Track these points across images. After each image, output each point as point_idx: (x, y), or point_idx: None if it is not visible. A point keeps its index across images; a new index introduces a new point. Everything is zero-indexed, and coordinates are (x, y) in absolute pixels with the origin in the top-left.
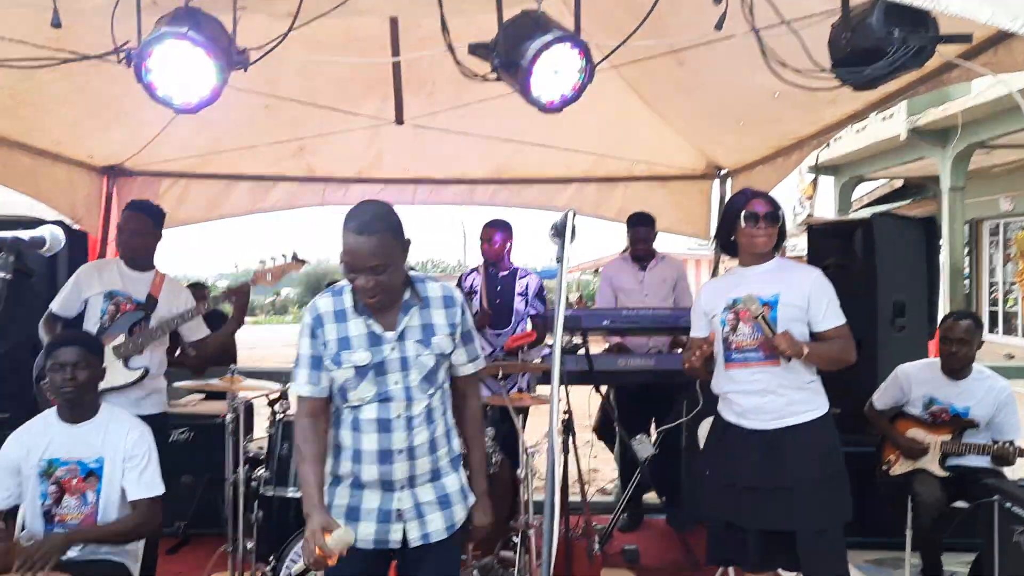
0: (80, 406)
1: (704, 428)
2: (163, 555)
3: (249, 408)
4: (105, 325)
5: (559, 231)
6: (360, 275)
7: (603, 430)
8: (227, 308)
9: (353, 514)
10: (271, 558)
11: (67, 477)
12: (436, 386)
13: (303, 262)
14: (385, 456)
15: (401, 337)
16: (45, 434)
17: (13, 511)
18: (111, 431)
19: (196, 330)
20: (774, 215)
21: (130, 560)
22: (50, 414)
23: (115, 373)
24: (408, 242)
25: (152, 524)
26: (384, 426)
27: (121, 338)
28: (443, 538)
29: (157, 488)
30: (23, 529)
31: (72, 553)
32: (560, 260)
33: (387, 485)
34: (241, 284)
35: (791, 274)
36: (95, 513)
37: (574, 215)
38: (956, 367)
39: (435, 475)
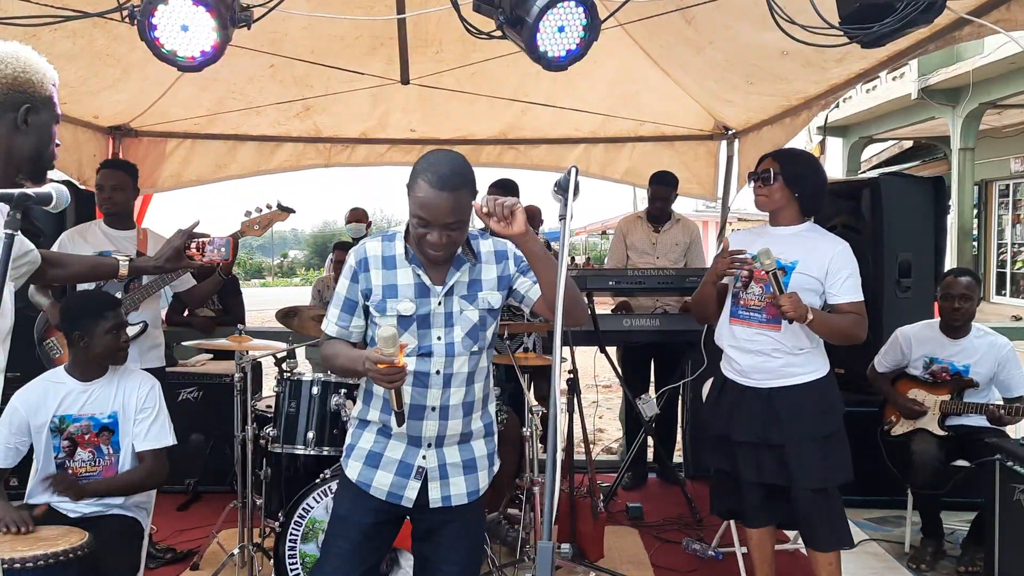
0: (100, 365)
1: (707, 388)
2: (174, 511)
3: (257, 367)
4: (102, 286)
5: (562, 187)
6: (433, 231)
7: None
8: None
9: (373, 459)
10: (279, 514)
11: (80, 433)
12: (481, 344)
13: (289, 210)
14: (417, 411)
15: (449, 292)
16: (56, 392)
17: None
18: (123, 386)
19: (185, 280)
20: (766, 175)
21: (142, 515)
22: (59, 373)
23: None
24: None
25: (160, 475)
26: (421, 380)
27: (118, 296)
28: (463, 503)
29: (164, 439)
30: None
31: (86, 509)
32: (563, 217)
33: (414, 440)
34: (231, 235)
35: (816, 242)
36: (113, 466)
37: (577, 172)
38: (957, 324)
39: (465, 438)
